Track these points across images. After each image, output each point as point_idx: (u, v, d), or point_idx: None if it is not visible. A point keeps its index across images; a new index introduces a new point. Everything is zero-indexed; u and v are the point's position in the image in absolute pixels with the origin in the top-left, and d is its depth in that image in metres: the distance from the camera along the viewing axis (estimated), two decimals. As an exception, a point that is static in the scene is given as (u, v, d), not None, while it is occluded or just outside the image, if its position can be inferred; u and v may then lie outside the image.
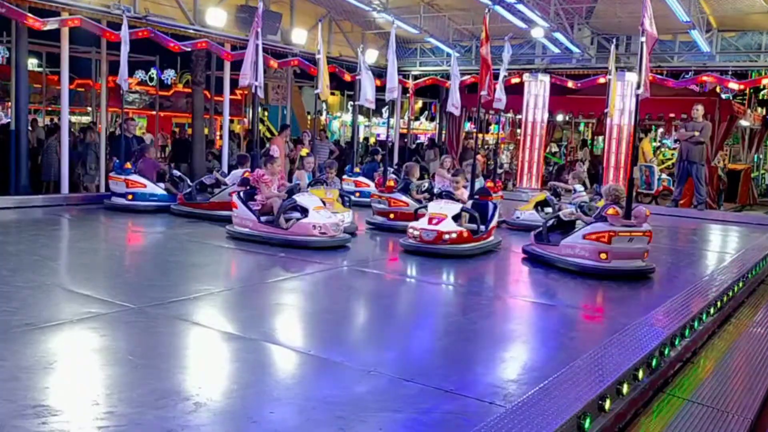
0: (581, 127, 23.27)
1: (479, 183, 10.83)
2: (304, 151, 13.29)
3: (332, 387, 3.67)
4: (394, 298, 6.51)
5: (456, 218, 7.91)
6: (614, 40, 11.75)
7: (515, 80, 16.71)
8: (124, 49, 10.75)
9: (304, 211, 7.93)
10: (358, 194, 11.91)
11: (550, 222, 7.83)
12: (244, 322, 4.95)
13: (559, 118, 19.91)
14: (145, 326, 4.63)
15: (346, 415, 3.25)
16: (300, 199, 8.08)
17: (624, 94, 15.10)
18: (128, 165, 10.55)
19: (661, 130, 21.50)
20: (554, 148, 21.67)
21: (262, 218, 8.10)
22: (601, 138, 19.04)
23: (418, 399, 3.51)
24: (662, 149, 20.68)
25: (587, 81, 15.64)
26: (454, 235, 7.64)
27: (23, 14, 10.33)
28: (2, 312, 4.72)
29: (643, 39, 7.81)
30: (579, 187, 10.48)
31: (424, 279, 6.97)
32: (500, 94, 11.06)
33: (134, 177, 10.36)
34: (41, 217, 9.72)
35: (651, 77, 14.66)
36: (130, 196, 10.27)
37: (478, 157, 20.26)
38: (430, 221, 7.77)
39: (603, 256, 6.84)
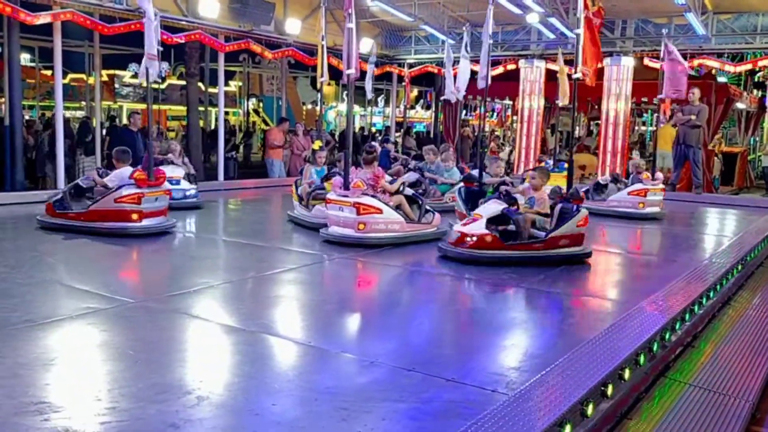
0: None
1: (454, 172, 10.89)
2: (316, 144, 13.22)
3: (334, 378, 3.67)
4: (393, 287, 6.52)
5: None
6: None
7: (510, 66, 16.69)
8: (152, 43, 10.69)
9: None
10: None
11: None
12: (244, 314, 4.94)
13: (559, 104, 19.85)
14: (144, 321, 4.62)
15: (348, 406, 3.24)
16: None
17: (620, 79, 15.08)
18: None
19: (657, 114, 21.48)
20: (550, 135, 21.61)
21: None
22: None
23: (420, 388, 3.51)
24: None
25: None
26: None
27: (15, 8, 10.25)
28: (1, 309, 4.70)
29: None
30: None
31: (419, 268, 6.96)
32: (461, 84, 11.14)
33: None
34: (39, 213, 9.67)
35: (648, 61, 14.68)
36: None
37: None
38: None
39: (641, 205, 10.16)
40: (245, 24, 13.95)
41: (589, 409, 3.20)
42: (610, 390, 3.44)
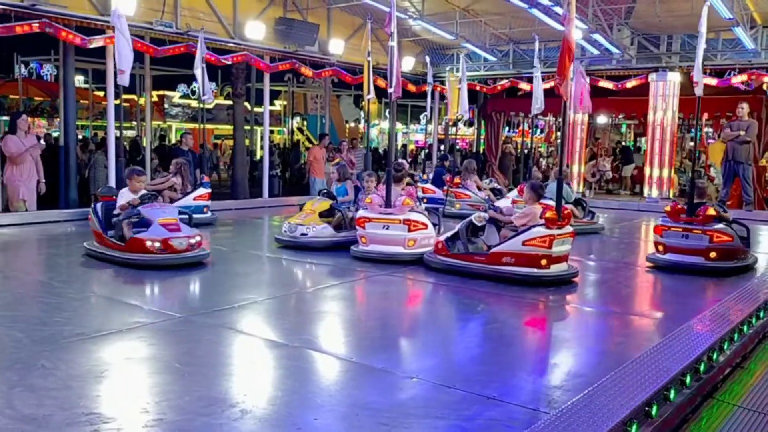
0: (623, 129, 22.93)
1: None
2: (337, 160, 13.50)
3: (375, 394, 3.69)
4: (434, 304, 6.52)
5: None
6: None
7: (549, 84, 16.59)
8: (201, 66, 11.06)
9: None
10: (425, 201, 11.81)
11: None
12: (287, 329, 5.01)
13: (602, 120, 19.64)
14: (191, 335, 4.73)
15: (389, 422, 3.26)
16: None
17: (666, 94, 14.86)
18: (207, 178, 10.83)
19: (707, 129, 21.02)
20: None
21: None
22: (644, 139, 18.76)
23: (461, 406, 3.51)
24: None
25: (627, 82, 15.44)
26: None
27: (71, 33, 10.66)
28: (55, 323, 4.88)
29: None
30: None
31: (460, 284, 6.94)
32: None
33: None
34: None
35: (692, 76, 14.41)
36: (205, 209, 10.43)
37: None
38: None
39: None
40: (290, 45, 14.23)
41: (633, 430, 3.15)
42: (654, 411, 3.39)
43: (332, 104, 22.17)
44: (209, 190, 10.59)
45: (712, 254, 7.34)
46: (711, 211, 7.41)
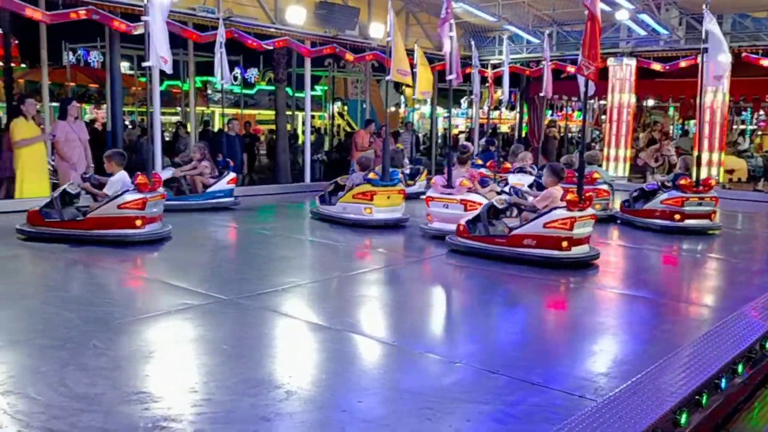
0: (671, 111, 22.37)
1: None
2: (398, 146, 13.54)
3: (418, 378, 3.69)
4: (477, 289, 6.49)
5: None
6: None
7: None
8: (220, 51, 11.14)
9: None
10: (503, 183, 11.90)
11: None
12: (330, 313, 5.04)
13: (650, 102, 19.18)
14: (236, 317, 4.80)
15: (432, 406, 3.26)
16: None
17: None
18: (232, 163, 10.98)
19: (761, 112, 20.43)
20: (641, 133, 20.89)
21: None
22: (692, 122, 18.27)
23: (504, 391, 3.49)
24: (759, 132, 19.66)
25: (675, 63, 15.00)
26: None
27: (115, 19, 10.82)
28: (105, 304, 5.01)
29: None
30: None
31: (502, 270, 6.89)
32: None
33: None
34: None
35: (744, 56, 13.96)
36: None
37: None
38: None
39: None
40: (330, 29, 14.21)
41: (683, 419, 3.09)
42: (705, 400, 3.32)
43: (372, 88, 22.09)
44: (234, 175, 10.74)
45: (713, 215, 9.04)
46: (712, 181, 9.25)
